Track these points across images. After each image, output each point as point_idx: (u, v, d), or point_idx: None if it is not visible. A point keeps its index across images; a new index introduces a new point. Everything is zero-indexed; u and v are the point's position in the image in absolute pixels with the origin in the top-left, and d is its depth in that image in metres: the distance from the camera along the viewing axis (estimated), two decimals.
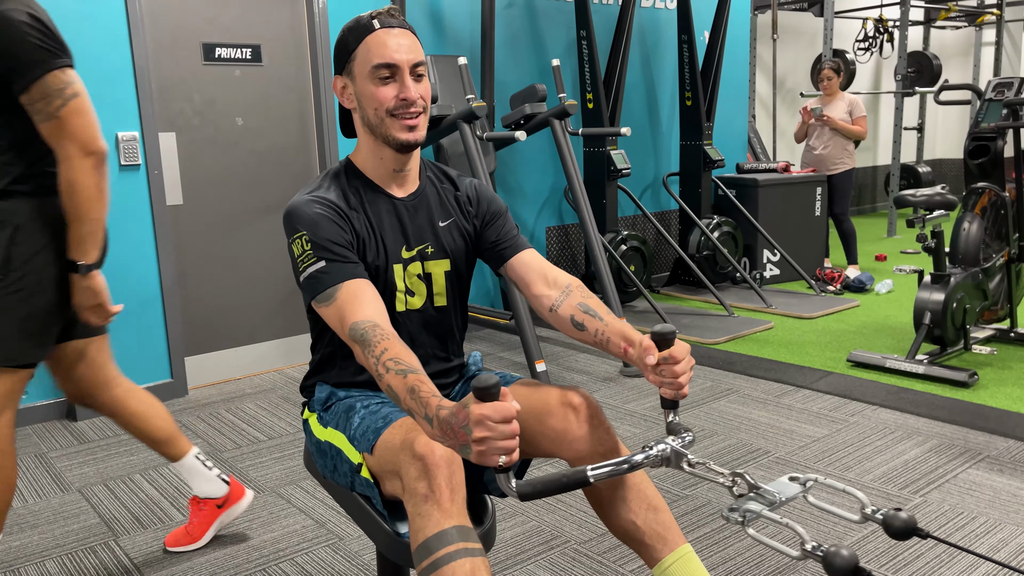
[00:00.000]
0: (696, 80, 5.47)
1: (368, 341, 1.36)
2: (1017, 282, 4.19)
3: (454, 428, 1.17)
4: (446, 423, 1.18)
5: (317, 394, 1.68)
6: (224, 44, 3.91)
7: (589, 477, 1.23)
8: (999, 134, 4.00)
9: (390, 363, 1.31)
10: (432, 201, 1.67)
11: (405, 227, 1.62)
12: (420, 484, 1.33)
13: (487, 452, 1.14)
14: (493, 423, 1.13)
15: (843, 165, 5.88)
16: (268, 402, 3.77)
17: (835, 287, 5.62)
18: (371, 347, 1.35)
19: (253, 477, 2.96)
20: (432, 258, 1.64)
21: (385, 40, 1.51)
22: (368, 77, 1.52)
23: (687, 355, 1.38)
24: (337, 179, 1.61)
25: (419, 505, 1.32)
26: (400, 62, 1.51)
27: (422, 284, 1.63)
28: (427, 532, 1.30)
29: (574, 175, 4.13)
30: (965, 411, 3.30)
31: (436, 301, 1.66)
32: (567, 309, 1.60)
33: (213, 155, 3.96)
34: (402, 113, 1.52)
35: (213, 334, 4.05)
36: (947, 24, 9.68)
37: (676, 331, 1.38)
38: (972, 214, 4.00)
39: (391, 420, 1.47)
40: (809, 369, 3.92)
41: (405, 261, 1.61)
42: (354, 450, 1.51)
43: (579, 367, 4.13)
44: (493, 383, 1.14)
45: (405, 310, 1.62)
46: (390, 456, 1.41)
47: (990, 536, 2.36)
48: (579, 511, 2.60)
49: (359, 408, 1.56)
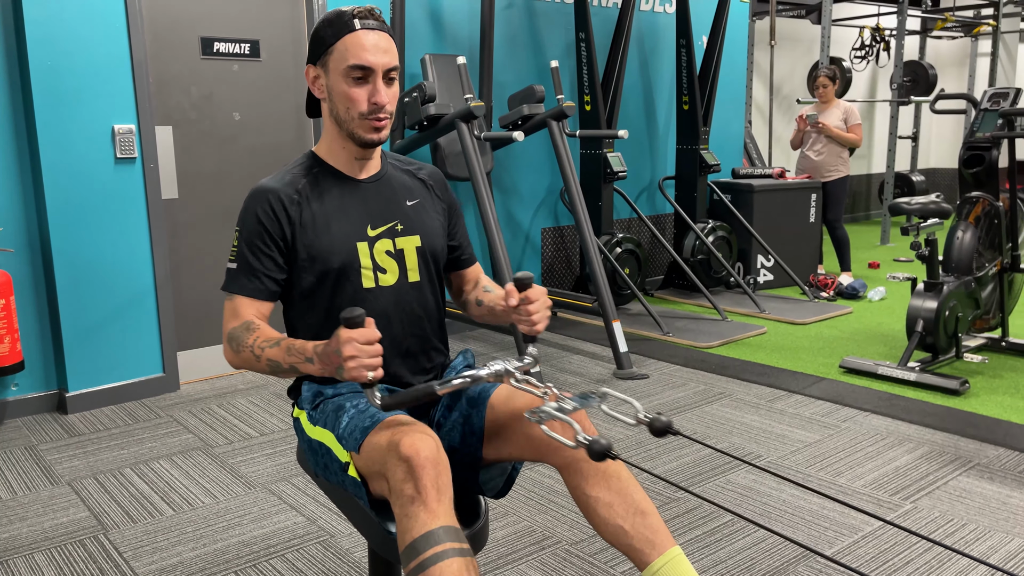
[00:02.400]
0: (694, 84, 5.48)
1: (239, 340, 1.52)
2: (1009, 291, 4.21)
3: (329, 355, 1.35)
4: (324, 354, 1.36)
5: (304, 392, 1.68)
6: (222, 39, 3.90)
7: (436, 390, 1.41)
8: (994, 144, 4.02)
9: (263, 344, 1.49)
10: (396, 183, 1.73)
11: (369, 207, 1.67)
12: (406, 486, 1.33)
13: (357, 368, 1.31)
14: (359, 344, 1.31)
15: (837, 172, 5.91)
16: (260, 398, 3.76)
17: (828, 293, 5.64)
18: (243, 342, 1.52)
19: (244, 473, 2.95)
20: (402, 235, 1.69)
21: (363, 42, 1.54)
22: (342, 75, 1.56)
23: (542, 296, 1.55)
24: (299, 167, 1.68)
25: (406, 506, 1.32)
26: (376, 66, 1.55)
27: (392, 261, 1.67)
28: (414, 533, 1.30)
29: (571, 177, 4.13)
30: (956, 419, 3.31)
31: (410, 277, 1.69)
32: (474, 295, 1.81)
33: (210, 150, 3.95)
34: (372, 116, 1.58)
35: (206, 329, 4.03)
36: (943, 34, 9.74)
37: (532, 277, 1.56)
38: (966, 223, 4.02)
39: (378, 420, 1.47)
40: (801, 374, 3.93)
41: (371, 239, 1.65)
42: (342, 449, 1.51)
43: (572, 368, 4.13)
44: (358, 312, 1.32)
45: (375, 287, 1.65)
46: (377, 456, 1.41)
47: (979, 543, 2.37)
48: (571, 512, 2.60)
49: (348, 408, 1.56)
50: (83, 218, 3.55)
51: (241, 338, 1.53)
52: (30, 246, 3.54)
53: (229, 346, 1.55)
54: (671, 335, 4.60)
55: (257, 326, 1.53)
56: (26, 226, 3.52)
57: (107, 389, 3.69)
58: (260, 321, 1.57)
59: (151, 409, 3.65)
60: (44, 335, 3.61)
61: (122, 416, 3.57)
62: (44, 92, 3.40)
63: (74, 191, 3.52)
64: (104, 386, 3.68)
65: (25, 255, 3.53)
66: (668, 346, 4.44)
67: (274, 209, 1.60)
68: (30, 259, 3.54)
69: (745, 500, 2.67)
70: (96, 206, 3.58)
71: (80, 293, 3.58)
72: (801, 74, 8.89)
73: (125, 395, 3.73)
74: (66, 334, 3.56)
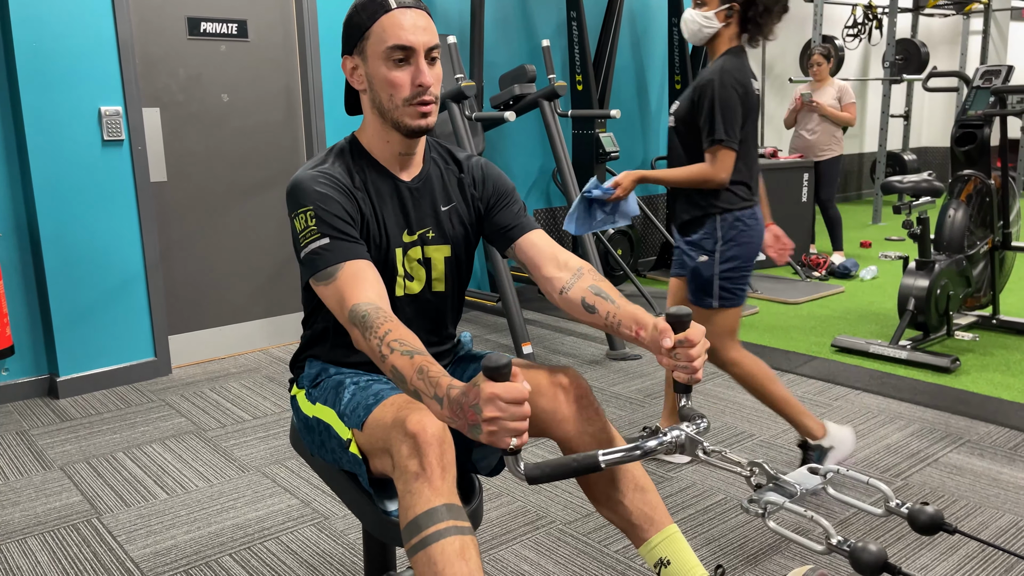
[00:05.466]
0: (686, 64, 5.45)
1: (369, 323, 1.32)
2: (1000, 269, 4.23)
3: (464, 408, 1.14)
4: (456, 403, 1.16)
5: (307, 370, 1.67)
6: (209, 19, 3.85)
7: (601, 463, 1.19)
8: (986, 122, 4.01)
9: (395, 344, 1.28)
10: (435, 185, 1.63)
11: (408, 211, 1.59)
12: (411, 462, 1.32)
13: (498, 433, 1.11)
14: (504, 403, 1.10)
15: (831, 151, 5.89)
16: (253, 382, 3.75)
17: (820, 273, 5.65)
18: (373, 329, 1.31)
19: (237, 456, 2.95)
20: (432, 243, 1.61)
21: (401, 21, 1.44)
22: (382, 59, 1.46)
23: (702, 338, 1.33)
24: (342, 156, 1.57)
25: (410, 483, 1.32)
26: (417, 45, 1.45)
27: (422, 269, 1.61)
28: (417, 509, 1.30)
29: (563, 157, 4.11)
30: (947, 396, 3.33)
31: (434, 287, 1.63)
32: (578, 292, 1.54)
33: (198, 131, 3.91)
34: (418, 100, 1.47)
35: (197, 313, 4.01)
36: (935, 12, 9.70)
37: (691, 314, 1.34)
38: (958, 201, 4.03)
39: (382, 397, 1.46)
40: (794, 354, 3.94)
41: (406, 245, 1.58)
42: (343, 426, 1.50)
43: (565, 350, 4.13)
44: (504, 363, 1.11)
45: (404, 295, 1.60)
46: (381, 433, 1.40)
47: (970, 519, 2.39)
48: (565, 492, 2.60)
49: (349, 384, 1.55)
50: (71, 201, 3.52)
51: (371, 321, 1.32)
52: (18, 230, 3.51)
53: (356, 326, 1.34)
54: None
55: (388, 315, 1.33)
56: (13, 210, 3.48)
57: (98, 373, 3.67)
58: (387, 306, 1.37)
59: (143, 393, 3.63)
60: (34, 320, 3.59)
61: (114, 400, 3.55)
62: (29, 74, 3.36)
63: (61, 174, 3.48)
64: (95, 370, 3.67)
65: (13, 239, 3.50)
66: None
67: (346, 192, 1.49)
68: (18, 243, 3.51)
69: (739, 476, 2.68)
70: (84, 189, 3.55)
71: (70, 277, 3.55)
72: (793, 53, 8.85)
73: (117, 379, 3.72)
74: (56, 318, 3.54)
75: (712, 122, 2.38)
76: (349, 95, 1.62)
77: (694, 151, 2.48)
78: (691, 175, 2.44)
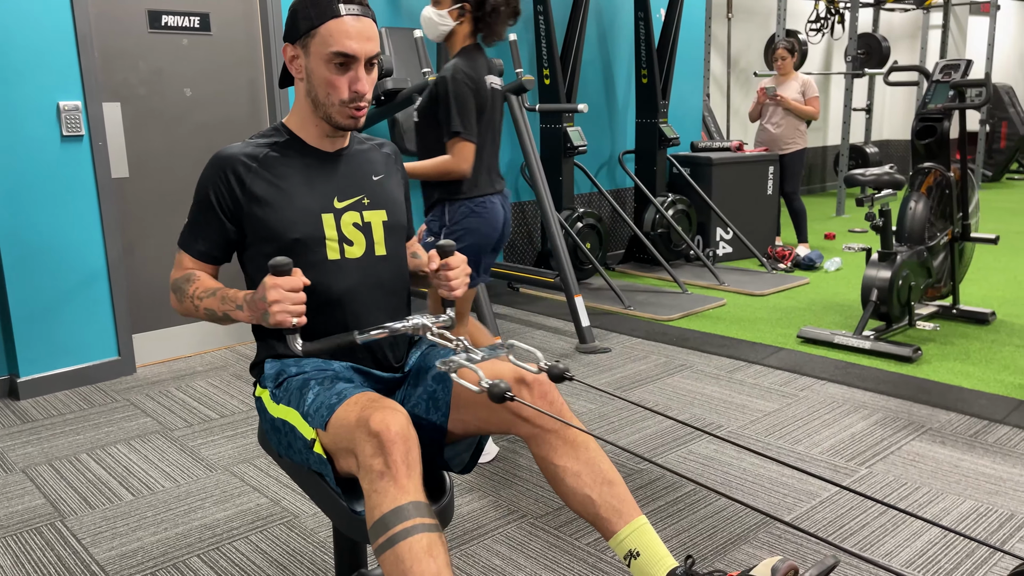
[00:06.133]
0: (652, 58, 5.48)
1: (181, 289, 1.61)
2: (960, 260, 4.32)
3: (256, 302, 1.44)
4: (251, 301, 1.46)
5: (267, 371, 1.65)
6: (171, 12, 3.79)
7: (357, 338, 1.51)
8: (945, 115, 4.09)
9: (201, 293, 1.57)
10: (363, 157, 1.74)
11: (337, 180, 1.67)
12: (376, 461, 1.32)
13: (279, 313, 1.40)
14: (284, 291, 1.41)
15: (795, 145, 5.97)
16: (220, 380, 3.71)
17: (786, 265, 5.72)
18: (184, 292, 1.60)
19: (205, 456, 2.91)
20: (369, 208, 1.69)
21: (347, 29, 1.53)
22: (324, 60, 1.55)
23: (462, 263, 1.64)
24: (265, 138, 1.67)
25: (375, 482, 1.31)
26: (360, 54, 1.54)
27: (360, 233, 1.67)
28: (383, 508, 1.30)
29: (531, 152, 4.11)
30: (909, 385, 3.40)
31: (377, 250, 1.69)
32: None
33: (160, 127, 3.84)
34: (353, 105, 1.58)
35: (162, 310, 3.95)
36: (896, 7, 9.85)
37: (455, 245, 1.65)
38: (918, 193, 4.10)
39: (345, 396, 1.46)
40: (760, 345, 3.99)
41: (338, 211, 1.66)
42: (308, 426, 1.50)
43: (535, 343, 4.14)
44: (285, 261, 1.41)
45: (340, 258, 1.64)
46: (345, 433, 1.40)
47: (933, 505, 2.44)
48: (535, 485, 2.61)
49: (313, 384, 1.54)
50: (30, 199, 3.44)
51: (183, 287, 1.61)
52: None
53: (174, 295, 1.63)
54: (632, 309, 4.63)
55: (197, 276, 1.61)
56: None
57: (61, 374, 3.60)
58: (201, 272, 1.63)
59: (107, 393, 3.57)
60: None
61: (77, 401, 3.49)
62: None
63: (19, 171, 3.40)
64: (57, 371, 3.60)
65: None
66: (630, 320, 4.47)
67: (228, 179, 1.61)
68: None
69: (706, 470, 2.71)
70: (43, 186, 3.47)
71: (30, 276, 3.48)
72: (757, 47, 8.94)
73: (79, 379, 3.65)
74: (15, 318, 3.46)
75: (449, 116, 2.54)
76: (285, 72, 1.69)
77: (436, 144, 2.63)
78: (436, 167, 2.61)
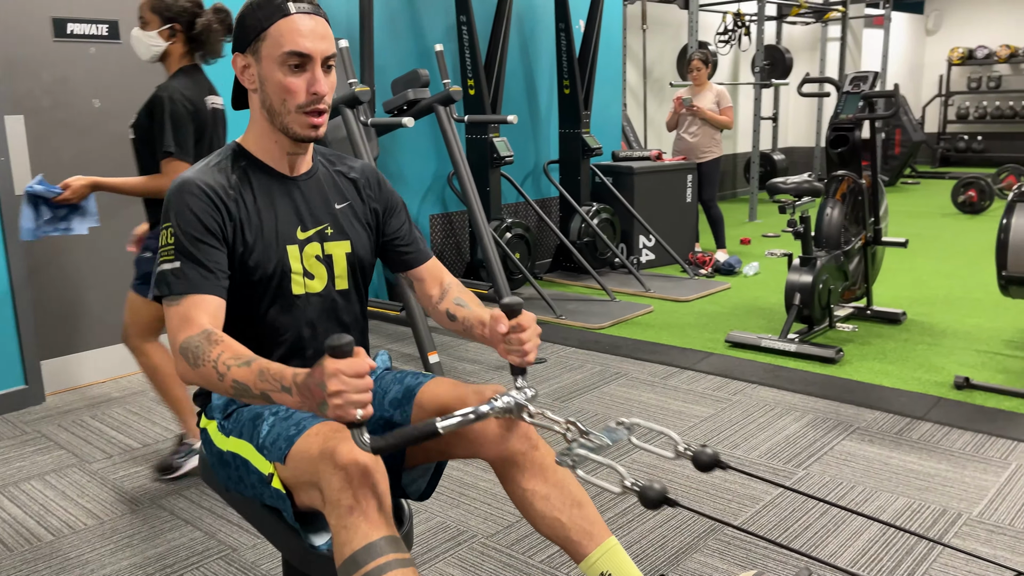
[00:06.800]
0: (574, 68, 5.52)
1: (200, 352, 1.32)
2: (872, 263, 4.51)
3: (311, 388, 1.17)
4: (304, 386, 1.18)
5: (214, 400, 1.56)
6: (77, 19, 3.58)
7: (439, 428, 1.26)
8: (856, 125, 4.26)
9: (228, 361, 1.30)
10: (326, 183, 1.62)
11: (299, 207, 1.56)
12: (344, 495, 1.26)
13: (343, 406, 1.14)
14: (347, 377, 1.13)
15: (711, 153, 6.12)
16: (139, 406, 3.51)
17: (707, 270, 5.86)
18: (204, 355, 1.32)
19: (129, 489, 2.75)
20: (332, 239, 1.58)
21: (299, 27, 1.43)
22: (277, 63, 1.44)
23: (533, 324, 1.44)
24: (225, 159, 1.54)
25: (343, 517, 1.25)
26: (315, 53, 1.44)
27: (321, 266, 1.57)
28: (354, 545, 1.24)
29: (460, 163, 4.07)
30: (835, 386, 3.51)
31: (338, 284, 1.60)
32: (445, 304, 1.65)
33: (67, 139, 3.63)
34: (311, 109, 1.46)
35: (72, 335, 3.72)
36: (797, 20, 10.28)
37: (523, 303, 1.44)
38: (834, 200, 4.26)
39: (304, 427, 1.38)
40: (691, 351, 4.06)
41: (301, 242, 1.55)
42: (264, 460, 1.42)
43: (471, 356, 4.10)
44: (346, 340, 1.15)
45: (304, 293, 1.55)
46: (306, 466, 1.33)
47: (869, 503, 2.52)
48: (483, 504, 2.57)
49: (267, 415, 1.46)
50: None
51: (201, 350, 1.32)
52: None
53: (183, 358, 1.35)
54: (564, 318, 4.64)
55: (220, 338, 1.34)
56: None
57: None
58: (220, 331, 1.38)
59: (15, 425, 3.33)
60: None
61: None
62: None
63: None
64: None
65: None
66: (562, 329, 4.48)
67: (212, 201, 1.45)
68: None
69: (649, 479, 2.72)
70: None
71: None
72: (669, 58, 9.15)
73: None
74: None
75: (163, 135, 2.52)
76: (237, 90, 1.58)
77: (150, 162, 2.62)
78: (146, 185, 2.61)
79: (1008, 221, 3.21)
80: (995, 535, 2.32)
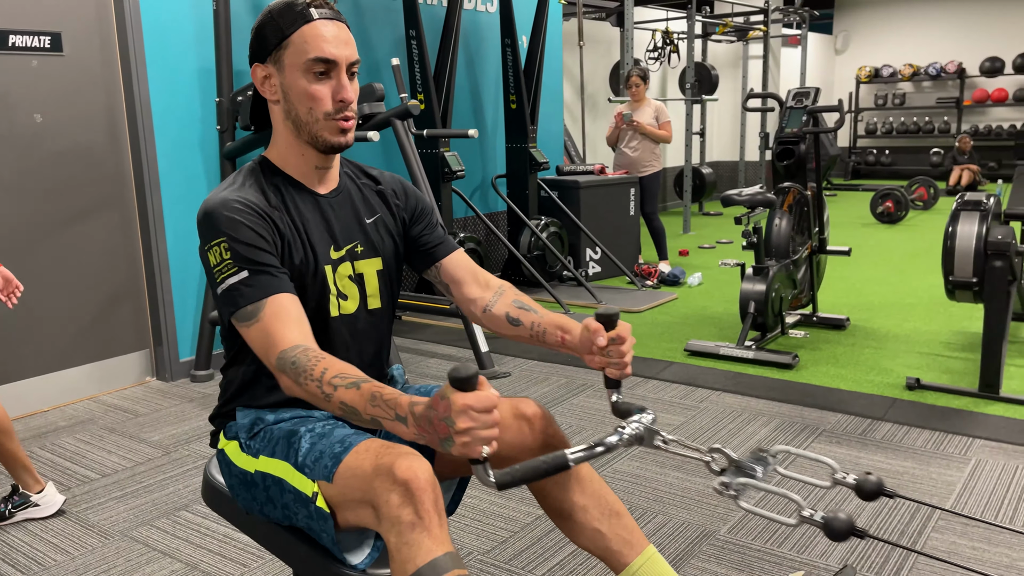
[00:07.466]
0: (520, 84, 5.57)
1: (301, 368, 1.26)
2: (818, 271, 4.68)
3: (433, 422, 1.12)
4: (424, 418, 1.13)
5: (239, 419, 1.50)
6: (17, 31, 3.41)
7: (569, 461, 1.20)
8: (801, 138, 4.44)
9: (335, 380, 1.24)
10: (355, 197, 1.57)
11: (331, 225, 1.51)
12: (405, 511, 1.22)
13: (471, 443, 1.11)
14: (476, 412, 1.10)
15: (652, 167, 6.26)
16: (90, 435, 3.34)
17: (652, 282, 5.97)
18: (307, 372, 1.26)
19: (96, 522, 2.60)
20: (362, 257, 1.54)
21: (323, 33, 1.39)
22: (301, 71, 1.40)
23: (628, 332, 1.40)
24: (254, 175, 1.48)
25: (405, 534, 1.22)
26: (340, 59, 1.41)
27: (354, 286, 1.53)
28: (418, 562, 1.21)
29: (420, 177, 4.04)
30: (795, 390, 3.63)
31: (370, 304, 1.56)
32: (502, 308, 1.58)
33: (7, 156, 3.44)
34: (340, 116, 1.42)
35: (13, 361, 3.52)
36: (721, 38, 10.64)
37: (619, 312, 1.40)
38: (782, 211, 4.41)
39: (351, 444, 1.34)
40: (652, 360, 4.12)
41: (335, 262, 1.50)
42: (304, 478, 1.37)
43: (432, 372, 4.06)
44: (472, 373, 1.11)
45: (339, 315, 1.51)
46: (358, 483, 1.29)
47: (847, 503, 2.61)
48: (474, 521, 2.54)
49: (303, 432, 1.41)
50: None
51: (303, 366, 1.26)
52: None
53: (284, 374, 1.28)
54: None
55: (319, 354, 1.27)
56: None
57: None
58: (314, 343, 1.32)
59: None
60: None
61: None
62: None
63: None
64: None
65: None
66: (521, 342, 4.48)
67: (259, 215, 1.38)
68: None
69: (635, 487, 2.75)
70: None
71: None
72: (602, 74, 9.33)
73: None
74: None
75: None
76: (255, 106, 1.53)
77: None
78: None
79: (953, 229, 3.38)
80: (970, 527, 2.43)
